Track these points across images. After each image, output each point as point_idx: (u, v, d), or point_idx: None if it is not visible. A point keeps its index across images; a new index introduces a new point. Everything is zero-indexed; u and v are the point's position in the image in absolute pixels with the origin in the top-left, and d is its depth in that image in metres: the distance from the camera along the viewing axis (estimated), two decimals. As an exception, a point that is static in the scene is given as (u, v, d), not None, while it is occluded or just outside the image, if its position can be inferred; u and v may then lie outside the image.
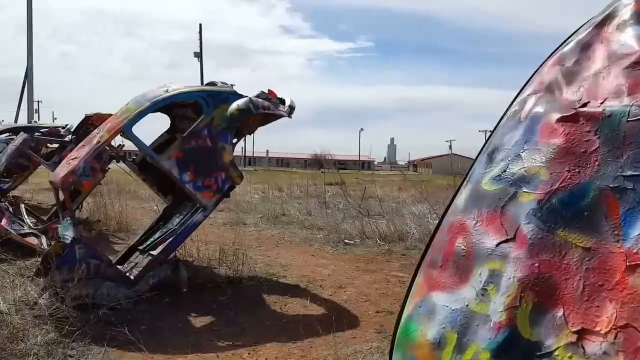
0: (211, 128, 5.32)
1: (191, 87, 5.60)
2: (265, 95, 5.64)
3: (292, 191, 17.84)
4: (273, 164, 75.81)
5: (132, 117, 5.04)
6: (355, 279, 6.03)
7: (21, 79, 31.65)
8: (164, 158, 5.12)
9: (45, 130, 11.49)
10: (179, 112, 6.40)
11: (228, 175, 5.44)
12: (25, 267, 5.66)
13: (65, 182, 4.78)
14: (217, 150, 5.34)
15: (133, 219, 9.69)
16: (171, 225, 5.86)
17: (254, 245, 7.82)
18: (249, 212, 11.55)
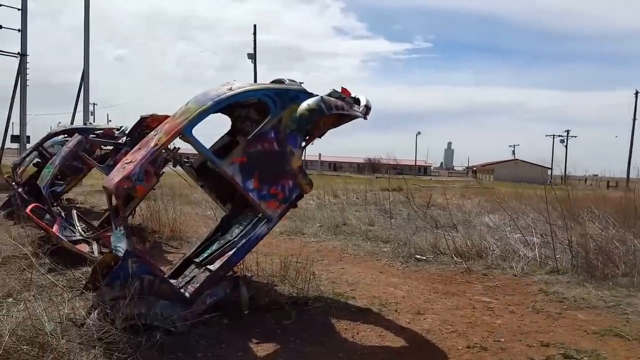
0: (279, 130, 4.88)
1: (257, 84, 5.18)
2: (338, 93, 5.15)
3: (349, 197, 17.34)
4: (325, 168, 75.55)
5: (193, 118, 4.66)
6: (434, 302, 5.41)
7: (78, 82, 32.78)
8: (227, 163, 4.70)
9: (100, 132, 11.49)
10: (241, 113, 6.02)
11: (296, 182, 4.97)
12: (74, 279, 5.40)
13: (119, 189, 4.44)
14: (285, 155, 4.89)
15: (187, 226, 9.45)
16: (230, 237, 5.47)
17: (315, 258, 7.33)
18: (306, 221, 11.10)
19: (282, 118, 4.90)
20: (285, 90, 5.08)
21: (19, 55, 30.62)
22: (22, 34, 30.68)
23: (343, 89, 5.25)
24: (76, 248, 6.72)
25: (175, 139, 4.71)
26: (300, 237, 9.30)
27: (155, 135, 4.88)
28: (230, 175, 4.69)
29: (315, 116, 4.96)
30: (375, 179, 32.77)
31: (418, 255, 7.50)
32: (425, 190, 18.49)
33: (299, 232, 9.79)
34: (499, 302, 5.48)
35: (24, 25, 30.62)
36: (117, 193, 4.46)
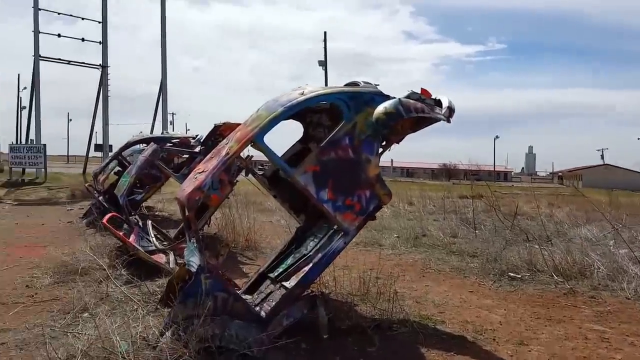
0: (353, 136, 4.53)
1: (330, 88, 4.85)
2: (418, 95, 4.72)
3: (425, 205, 16.69)
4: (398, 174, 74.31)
5: (264, 126, 4.41)
6: (537, 330, 4.82)
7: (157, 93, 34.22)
8: (299, 172, 4.41)
9: (177, 141, 11.66)
10: (313, 119, 5.74)
11: (374, 193, 4.59)
12: (149, 293, 5.31)
13: (191, 200, 4.25)
14: (361, 163, 4.53)
15: (262, 235, 9.30)
16: (305, 251, 5.18)
17: (396, 273, 6.90)
18: (383, 231, 10.66)
19: (356, 123, 4.55)
20: (360, 93, 4.73)
21: (101, 67, 32.38)
22: (103, 46, 32.44)
23: (423, 89, 4.83)
24: (152, 258, 6.70)
25: (246, 147, 4.49)
26: (378, 249, 8.88)
27: (227, 144, 4.69)
28: (302, 185, 4.39)
29: (393, 120, 4.57)
30: (452, 186, 31.71)
31: (512, 273, 6.85)
32: (508, 198, 17.43)
33: (376, 244, 9.37)
34: (615, 331, 4.80)
35: (104, 38, 32.37)
36: (188, 205, 4.27)
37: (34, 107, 29.56)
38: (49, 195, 21.01)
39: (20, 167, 28.55)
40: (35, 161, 27.78)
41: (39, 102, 29.50)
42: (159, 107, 34.00)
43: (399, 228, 10.90)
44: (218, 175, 6.56)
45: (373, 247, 9.15)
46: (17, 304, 5.39)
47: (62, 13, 32.24)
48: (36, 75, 29.61)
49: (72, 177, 29.59)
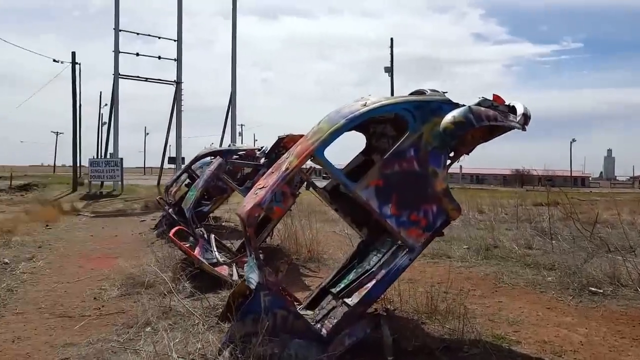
0: (419, 147, 4.31)
1: (394, 98, 4.66)
2: (490, 102, 4.43)
3: (497, 213, 15.98)
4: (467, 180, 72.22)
5: (325, 139, 4.27)
6: (622, 352, 4.37)
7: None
8: (361, 187, 4.24)
9: (243, 153, 11.80)
10: (376, 129, 5.55)
11: (441, 207, 4.35)
12: (211, 307, 5.29)
13: (251, 217, 4.17)
14: (427, 176, 4.30)
15: (325, 246, 9.18)
16: (368, 266, 4.98)
17: (466, 288, 6.55)
18: (451, 241, 10.23)
19: (422, 134, 4.33)
20: (426, 102, 4.49)
21: (175, 83, 33.64)
22: (178, 63, 33.68)
23: (495, 96, 4.53)
24: (216, 271, 6.73)
25: (307, 162, 4.37)
26: (446, 261, 8.51)
27: (288, 158, 4.59)
28: (364, 200, 4.21)
29: (462, 130, 4.31)
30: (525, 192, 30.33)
31: (593, 288, 6.32)
32: (586, 205, 16.39)
33: (444, 255, 8.99)
34: None
35: (179, 55, 33.61)
36: (248, 221, 4.19)
37: (113, 123, 31.07)
38: (124, 207, 21.94)
39: (99, 180, 30.09)
40: (113, 174, 29.19)
41: (117, 118, 31.00)
42: (228, 120, 34.86)
43: (468, 238, 10.45)
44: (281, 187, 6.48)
45: (441, 259, 8.79)
46: (84, 317, 5.53)
47: (140, 33, 33.89)
48: (115, 92, 31.13)
49: (147, 189, 30.87)
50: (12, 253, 9.55)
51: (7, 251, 9.73)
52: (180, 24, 33.60)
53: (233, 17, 34.33)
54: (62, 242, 11.40)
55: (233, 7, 33.95)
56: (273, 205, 8.10)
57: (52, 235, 12.44)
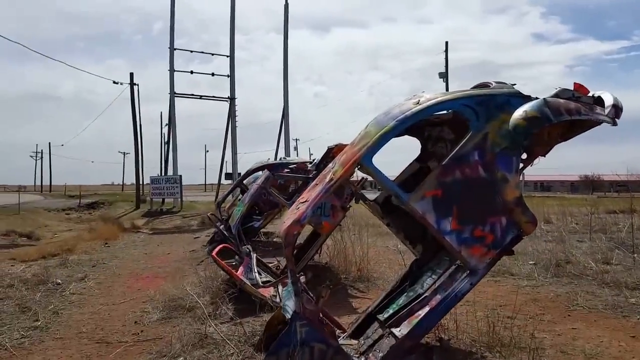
0: (484, 150, 3.60)
1: (452, 93, 3.96)
2: (571, 92, 3.68)
3: (566, 223, 14.66)
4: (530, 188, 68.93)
5: (372, 144, 3.65)
6: None
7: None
8: (416, 198, 3.57)
9: (294, 166, 11.30)
10: (432, 133, 4.86)
11: (512, 220, 3.61)
12: (249, 334, 4.72)
13: (289, 236, 3.59)
14: (495, 183, 3.58)
15: (376, 263, 8.48)
16: (421, 289, 4.30)
17: (533, 312, 5.69)
18: (516, 256, 9.20)
19: (487, 133, 3.62)
20: (491, 96, 3.78)
21: (229, 100, 33.90)
22: (231, 79, 33.94)
23: (577, 84, 3.76)
24: (259, 293, 6.17)
25: (353, 171, 3.73)
26: (509, 280, 7.60)
27: (333, 168, 3.99)
28: (420, 213, 3.53)
29: (537, 126, 3.57)
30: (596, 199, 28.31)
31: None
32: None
33: (507, 273, 8.05)
34: None
35: (232, 71, 33.88)
36: (286, 241, 3.61)
37: (171, 141, 31.58)
38: (182, 224, 21.98)
39: (160, 197, 30.55)
40: (173, 191, 29.55)
41: (175, 136, 31.49)
42: (281, 134, 34.78)
43: (535, 252, 9.41)
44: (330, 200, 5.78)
45: (504, 277, 7.87)
46: (121, 344, 5.19)
47: (194, 51, 34.61)
48: (172, 111, 31.66)
49: (205, 205, 31.06)
50: (67, 273, 9.43)
51: (63, 271, 9.63)
52: (233, 41, 33.92)
53: (285, 33, 34.37)
54: (116, 261, 11.26)
55: (285, 23, 33.98)
56: (322, 220, 7.51)
57: (108, 254, 12.37)
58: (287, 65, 34.66)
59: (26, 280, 8.24)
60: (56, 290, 7.86)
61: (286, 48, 34.63)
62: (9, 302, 6.94)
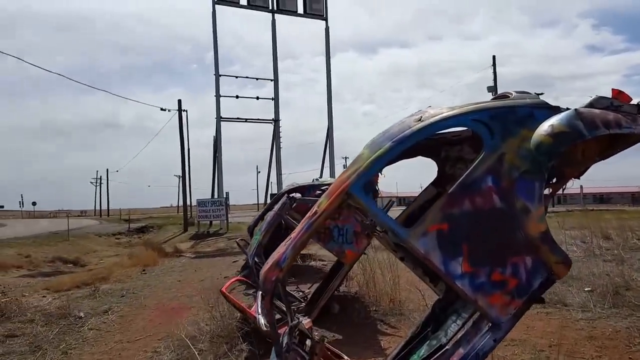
0: (500, 174, 2.92)
1: (460, 107, 3.31)
2: (609, 101, 2.97)
3: (627, 240, 13.34)
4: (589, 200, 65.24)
5: (363, 170, 3.06)
6: None
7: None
8: (417, 234, 2.93)
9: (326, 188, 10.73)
10: (450, 153, 4.19)
11: (539, 260, 2.90)
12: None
13: (267, 282, 3.05)
14: (515, 215, 2.89)
15: (411, 292, 7.73)
16: (444, 337, 3.63)
17: (587, 353, 4.85)
18: (568, 281, 8.26)
19: (504, 154, 2.94)
20: (509, 109, 3.10)
21: (273, 121, 33.90)
22: (275, 101, 33.95)
23: (616, 91, 3.04)
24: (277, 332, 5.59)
25: (340, 203, 3.14)
26: (561, 311, 6.70)
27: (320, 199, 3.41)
28: (422, 253, 2.89)
29: (566, 144, 2.87)
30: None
31: None
32: None
33: (559, 302, 7.13)
34: None
35: (276, 94, 33.89)
36: (263, 287, 3.07)
37: (217, 164, 31.78)
38: (226, 246, 21.79)
39: (207, 219, 30.67)
40: (218, 213, 29.61)
41: (220, 159, 31.67)
42: (326, 153, 34.39)
43: (591, 276, 8.41)
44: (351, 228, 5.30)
45: (555, 307, 6.96)
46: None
47: (239, 76, 35.13)
48: (218, 134, 31.87)
49: (251, 226, 30.92)
50: (93, 304, 9.23)
51: (90, 302, 9.44)
52: (276, 66, 33.91)
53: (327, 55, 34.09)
54: (147, 290, 11.01)
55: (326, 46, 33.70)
56: (344, 248, 6.87)
57: (142, 282, 12.17)
58: (330, 86, 34.37)
59: (48, 314, 8.05)
60: (75, 325, 7.61)
61: (329, 69, 34.36)
62: (23, 340, 6.72)
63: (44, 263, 16.59)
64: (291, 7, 30.62)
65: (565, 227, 13.75)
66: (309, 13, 31.09)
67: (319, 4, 31.15)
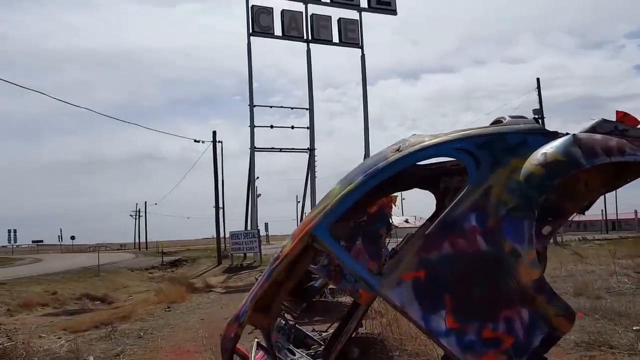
0: (486, 211, 2.60)
1: (445, 135, 3.00)
2: (613, 124, 2.61)
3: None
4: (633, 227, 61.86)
5: (330, 209, 2.82)
6: None
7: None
8: (390, 283, 2.62)
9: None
10: (450, 184, 3.87)
11: (536, 312, 2.53)
12: None
13: (225, 340, 2.80)
14: (502, 259, 2.53)
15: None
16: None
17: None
18: (614, 318, 7.58)
19: (490, 187, 2.63)
20: (498, 136, 2.79)
21: (308, 150, 33.92)
22: (310, 131, 34.03)
23: (621, 113, 2.68)
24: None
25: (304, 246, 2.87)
26: (605, 354, 6.09)
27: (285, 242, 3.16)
28: (398, 305, 2.57)
29: (561, 175, 2.54)
30: None
31: None
32: None
33: (604, 344, 6.49)
34: None
35: (311, 123, 34.00)
36: (222, 346, 2.80)
37: (250, 195, 31.94)
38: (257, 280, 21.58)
39: (240, 252, 30.69)
40: (251, 245, 29.58)
41: (254, 190, 31.83)
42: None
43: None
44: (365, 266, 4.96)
45: (600, 350, 6.34)
46: None
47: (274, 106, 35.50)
48: (252, 165, 32.12)
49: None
50: (106, 347, 9.12)
51: (104, 344, 9.35)
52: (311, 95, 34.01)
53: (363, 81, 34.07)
54: (167, 329, 10.86)
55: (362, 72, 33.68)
56: (358, 288, 6.53)
57: (163, 320, 12.05)
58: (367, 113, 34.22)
59: (57, 359, 7.96)
60: (81, 371, 7.50)
61: (365, 96, 34.28)
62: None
63: (71, 300, 16.80)
64: (326, 36, 30.94)
65: (617, 256, 12.88)
66: (344, 42, 31.34)
67: (354, 32, 31.37)
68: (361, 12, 31.55)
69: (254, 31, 29.70)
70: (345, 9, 31.57)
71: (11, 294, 16.91)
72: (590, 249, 24.34)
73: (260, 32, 29.89)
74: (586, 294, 9.80)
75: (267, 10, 30.19)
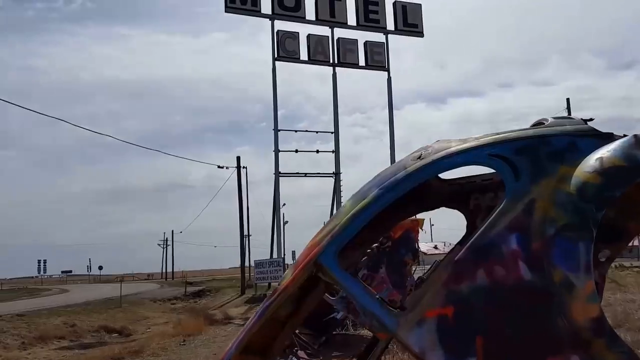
0: (527, 230, 2.10)
1: (477, 138, 2.53)
2: None
3: None
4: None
5: (338, 232, 2.37)
6: None
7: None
8: (410, 323, 2.14)
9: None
10: (482, 202, 3.36)
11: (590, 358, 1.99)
12: None
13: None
14: (551, 292, 2.01)
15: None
16: None
17: None
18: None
19: (534, 201, 2.12)
20: (540, 139, 2.31)
21: (333, 175, 33.59)
22: (335, 155, 33.70)
23: None
24: None
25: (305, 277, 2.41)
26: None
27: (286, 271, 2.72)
28: (416, 350, 2.08)
29: (624, 184, 2.04)
30: None
31: None
32: None
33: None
34: None
35: (336, 147, 33.71)
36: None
37: (275, 222, 31.61)
38: (280, 311, 21.07)
39: (265, 281, 30.20)
40: (276, 274, 29.04)
41: (279, 217, 31.55)
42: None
43: None
44: (385, 297, 4.50)
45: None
46: None
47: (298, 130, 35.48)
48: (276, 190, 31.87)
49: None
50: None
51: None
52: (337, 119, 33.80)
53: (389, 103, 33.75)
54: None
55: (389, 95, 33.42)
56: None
57: (176, 355, 11.68)
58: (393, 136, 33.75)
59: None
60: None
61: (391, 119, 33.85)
62: None
63: (88, 333, 16.53)
64: (352, 59, 30.86)
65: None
66: (370, 65, 31.19)
67: (380, 55, 31.22)
68: (387, 34, 31.44)
69: (279, 56, 29.79)
70: (372, 31, 31.50)
71: (29, 326, 16.75)
72: (628, 276, 23.06)
73: (285, 56, 29.97)
74: (627, 325, 9.07)
75: (292, 34, 30.32)
